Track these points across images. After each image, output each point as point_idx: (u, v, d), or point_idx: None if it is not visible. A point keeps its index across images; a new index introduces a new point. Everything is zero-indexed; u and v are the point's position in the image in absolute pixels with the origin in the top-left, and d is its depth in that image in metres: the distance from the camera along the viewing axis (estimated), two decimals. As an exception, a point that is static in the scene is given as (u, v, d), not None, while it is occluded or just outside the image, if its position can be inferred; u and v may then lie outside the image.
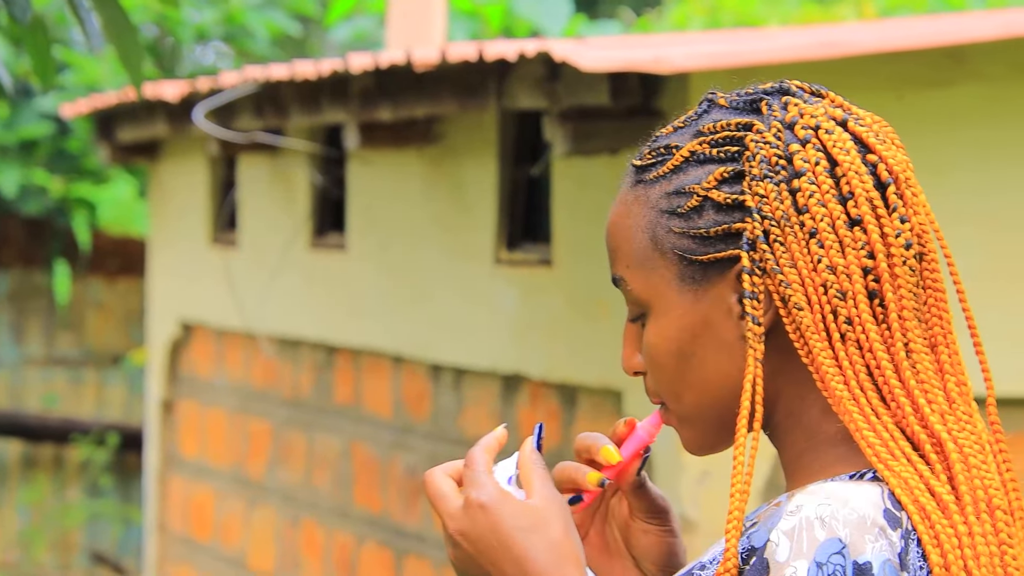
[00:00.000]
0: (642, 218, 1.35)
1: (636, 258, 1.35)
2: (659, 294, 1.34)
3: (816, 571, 1.22)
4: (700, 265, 1.32)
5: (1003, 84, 4.01)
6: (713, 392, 1.33)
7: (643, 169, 1.36)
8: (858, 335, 1.30)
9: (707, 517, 4.03)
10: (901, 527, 1.25)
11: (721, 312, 1.32)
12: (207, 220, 6.65)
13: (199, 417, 6.80)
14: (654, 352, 1.34)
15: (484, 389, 4.98)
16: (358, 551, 5.63)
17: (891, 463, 1.27)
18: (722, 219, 1.32)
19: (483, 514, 1.30)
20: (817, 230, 1.30)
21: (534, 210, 4.87)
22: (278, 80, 5.26)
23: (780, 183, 1.31)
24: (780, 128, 1.33)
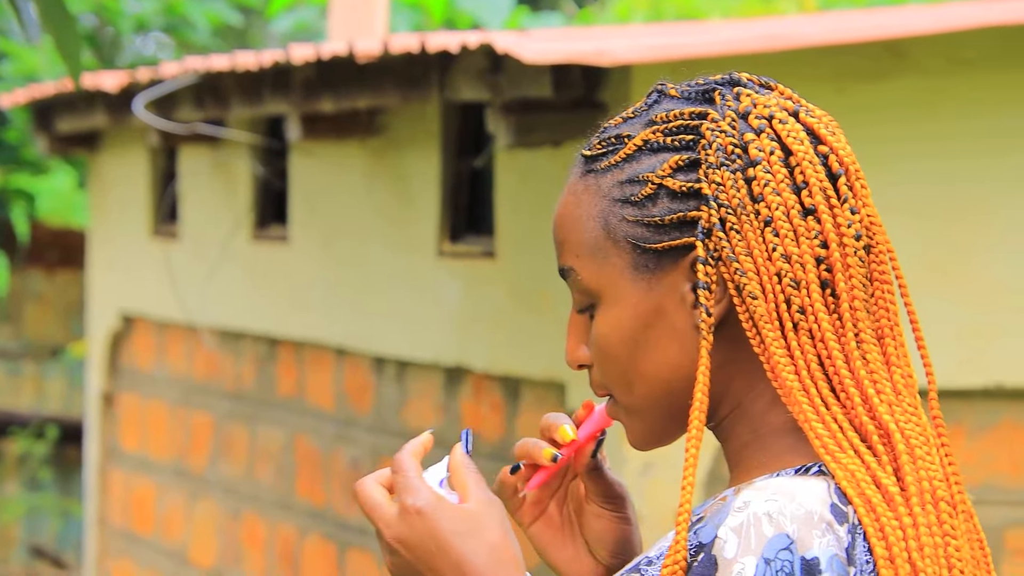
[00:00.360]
0: (593, 207, 1.34)
1: (587, 247, 1.34)
2: (611, 283, 1.33)
3: (764, 567, 1.22)
4: (654, 253, 1.32)
5: (941, 77, 4.04)
6: (664, 382, 1.32)
7: (593, 159, 1.35)
8: (810, 324, 1.30)
9: (651, 509, 4.04)
10: (848, 522, 1.26)
11: (674, 301, 1.32)
12: (148, 212, 6.61)
13: (140, 410, 6.77)
14: (605, 342, 1.33)
15: (427, 381, 4.98)
16: (301, 544, 5.62)
17: (838, 455, 1.28)
18: (677, 207, 1.31)
19: (420, 520, 1.30)
20: (772, 219, 1.30)
21: (477, 202, 4.87)
22: (219, 71, 5.23)
23: (736, 171, 1.31)
24: (735, 117, 1.33)
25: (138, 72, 5.76)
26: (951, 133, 4.03)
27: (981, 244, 4.03)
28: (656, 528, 4.02)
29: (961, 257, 4.01)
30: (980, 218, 4.03)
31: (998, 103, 4.03)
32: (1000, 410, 4.03)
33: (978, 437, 4.03)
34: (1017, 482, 4.04)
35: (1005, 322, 4.01)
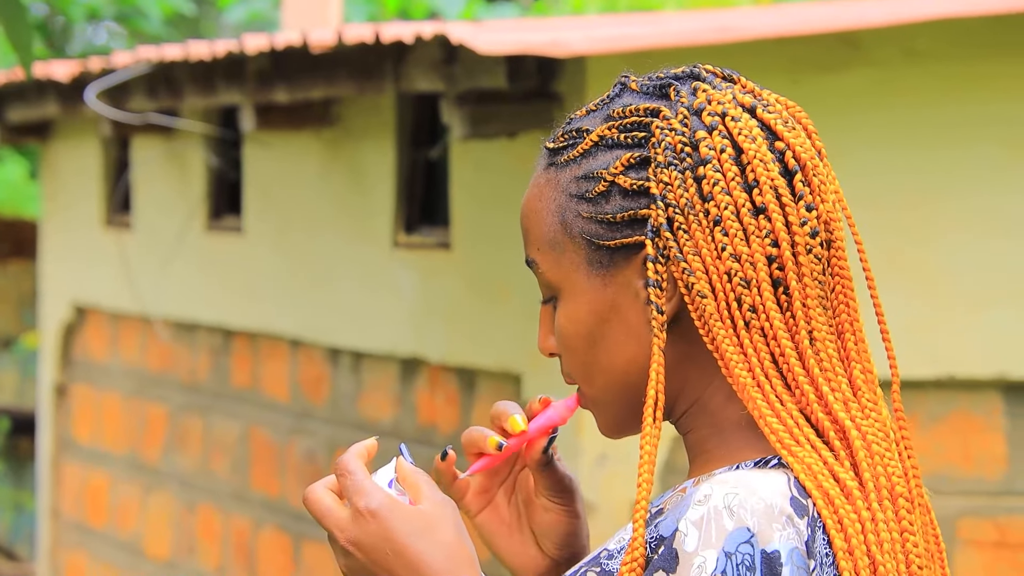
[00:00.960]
0: (552, 201, 1.35)
1: (547, 241, 1.35)
2: (568, 278, 1.34)
3: (725, 561, 1.22)
4: (607, 250, 1.32)
5: (895, 68, 4.06)
6: (621, 376, 1.33)
7: (555, 152, 1.36)
8: (762, 323, 1.30)
9: (605, 500, 4.05)
10: (807, 515, 1.26)
11: (628, 297, 1.32)
12: (100, 202, 6.57)
13: (93, 401, 6.73)
14: (564, 335, 1.34)
15: (383, 373, 4.97)
16: (256, 536, 5.60)
17: (795, 449, 1.28)
18: (628, 205, 1.32)
19: (374, 521, 1.29)
20: (721, 218, 1.30)
21: (432, 193, 4.86)
22: (172, 61, 5.20)
23: (685, 170, 1.31)
24: (687, 114, 1.33)
25: (90, 61, 5.72)
26: (904, 124, 4.05)
27: (933, 235, 4.05)
28: (610, 519, 4.03)
29: (913, 248, 4.03)
30: (932, 209, 4.05)
31: (950, 94, 4.05)
32: (952, 401, 4.06)
33: (930, 428, 4.05)
34: (969, 472, 4.07)
35: (957, 313, 4.04)
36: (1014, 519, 4.05)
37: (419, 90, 4.39)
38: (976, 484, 4.06)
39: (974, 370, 4.03)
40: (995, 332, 4.03)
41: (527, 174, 5.15)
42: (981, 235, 4.04)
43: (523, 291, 4.35)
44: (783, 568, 1.23)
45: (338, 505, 1.32)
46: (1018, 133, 4.04)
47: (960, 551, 4.04)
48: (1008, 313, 4.02)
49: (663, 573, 1.24)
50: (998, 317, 4.02)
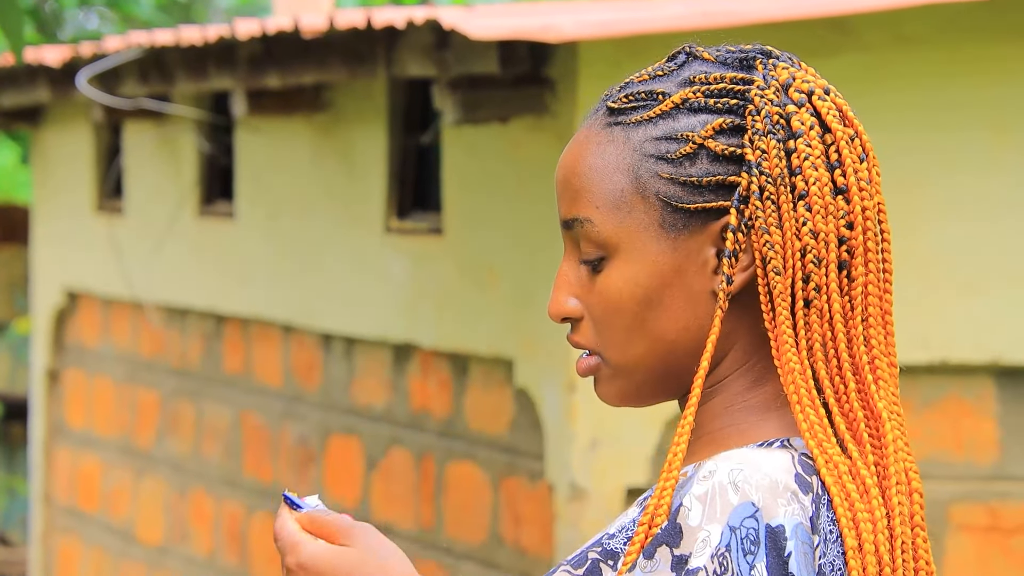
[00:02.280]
0: (621, 159, 1.31)
1: (610, 199, 1.31)
2: (633, 237, 1.31)
3: (729, 535, 1.22)
4: (684, 213, 1.30)
5: (884, 53, 4.06)
6: (668, 345, 1.31)
7: (622, 111, 1.33)
8: (823, 304, 1.30)
9: (596, 485, 4.05)
10: (812, 491, 1.26)
11: (696, 264, 1.31)
12: (92, 187, 6.56)
13: (85, 387, 6.73)
14: (616, 296, 1.31)
15: (375, 358, 4.97)
16: (248, 521, 5.61)
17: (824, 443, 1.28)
18: (716, 170, 1.30)
19: (304, 573, 1.27)
20: (808, 193, 1.30)
21: (424, 179, 4.86)
22: (163, 46, 5.19)
23: (780, 141, 1.30)
24: (778, 88, 1.33)
25: (81, 47, 5.71)
26: (894, 109, 4.05)
27: (924, 220, 4.05)
28: (601, 504, 4.03)
29: (905, 234, 4.04)
30: (924, 194, 4.06)
31: (940, 78, 4.05)
32: (944, 386, 4.06)
33: (923, 413, 4.06)
34: (961, 457, 4.07)
35: (949, 298, 4.04)
36: (1006, 504, 4.06)
37: (411, 75, 4.38)
38: (968, 469, 4.06)
39: (966, 355, 4.04)
40: (987, 317, 4.03)
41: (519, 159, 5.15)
42: (972, 220, 4.04)
43: (516, 276, 4.35)
44: (787, 542, 1.23)
45: None
46: (1008, 117, 4.04)
47: (952, 536, 4.05)
48: (1000, 298, 4.03)
49: (667, 548, 1.24)
50: (990, 302, 4.03)
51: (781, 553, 1.23)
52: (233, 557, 5.70)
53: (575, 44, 3.98)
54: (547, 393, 4.17)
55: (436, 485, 4.69)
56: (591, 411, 4.03)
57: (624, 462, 4.05)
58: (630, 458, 4.04)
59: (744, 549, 1.22)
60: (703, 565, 1.22)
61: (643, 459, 4.04)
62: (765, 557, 1.22)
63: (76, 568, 6.76)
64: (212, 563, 5.82)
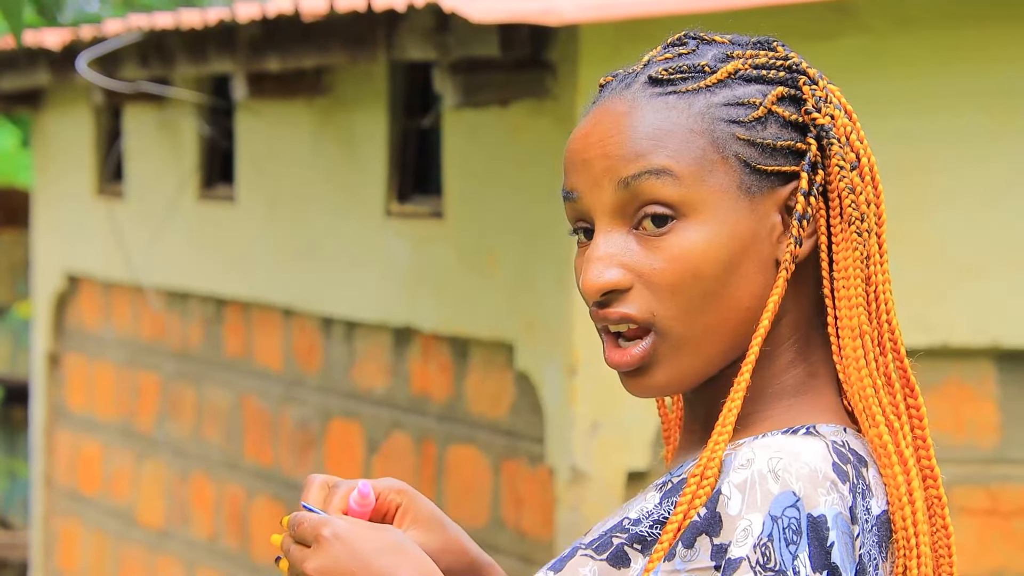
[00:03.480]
0: (692, 122, 1.29)
1: (690, 157, 1.28)
2: (713, 198, 1.28)
3: (771, 525, 1.21)
4: (760, 175, 1.29)
5: (887, 37, 4.06)
6: (739, 313, 1.28)
7: (669, 82, 1.31)
8: (870, 271, 1.32)
9: (598, 469, 4.06)
10: (848, 480, 1.26)
11: (766, 228, 1.29)
12: (92, 171, 6.56)
13: (86, 370, 6.73)
14: (695, 260, 1.26)
15: (375, 342, 4.97)
16: (248, 504, 5.61)
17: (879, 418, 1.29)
18: (786, 135, 1.31)
19: (340, 544, 1.27)
20: (859, 163, 1.32)
21: (425, 162, 4.86)
22: (164, 29, 5.18)
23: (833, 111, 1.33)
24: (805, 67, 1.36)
25: (81, 30, 5.70)
26: (896, 92, 4.05)
27: (925, 204, 4.05)
28: (603, 488, 4.04)
29: (906, 217, 4.03)
30: (924, 178, 4.05)
31: (942, 62, 4.05)
32: (945, 369, 4.07)
33: (924, 396, 4.05)
34: (962, 440, 4.08)
35: (950, 281, 4.04)
36: (1006, 487, 4.06)
37: (411, 59, 4.37)
38: (969, 452, 4.07)
39: (967, 338, 4.04)
40: (987, 301, 4.03)
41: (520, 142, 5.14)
42: (973, 204, 4.04)
43: (516, 259, 4.35)
44: (830, 532, 1.22)
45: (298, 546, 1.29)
46: (1009, 101, 4.03)
47: (953, 519, 4.05)
48: (1000, 281, 4.03)
49: (706, 536, 1.23)
50: (990, 286, 4.03)
51: (824, 543, 1.22)
52: (234, 540, 5.71)
53: (576, 27, 3.98)
54: (548, 377, 4.17)
55: (437, 469, 4.70)
56: (592, 395, 4.03)
57: (625, 446, 4.05)
58: (631, 442, 4.04)
59: (787, 539, 1.21)
60: (746, 555, 1.21)
61: (644, 443, 4.05)
62: (808, 547, 1.21)
63: (77, 551, 6.77)
64: (213, 546, 5.83)
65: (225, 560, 5.76)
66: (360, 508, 1.34)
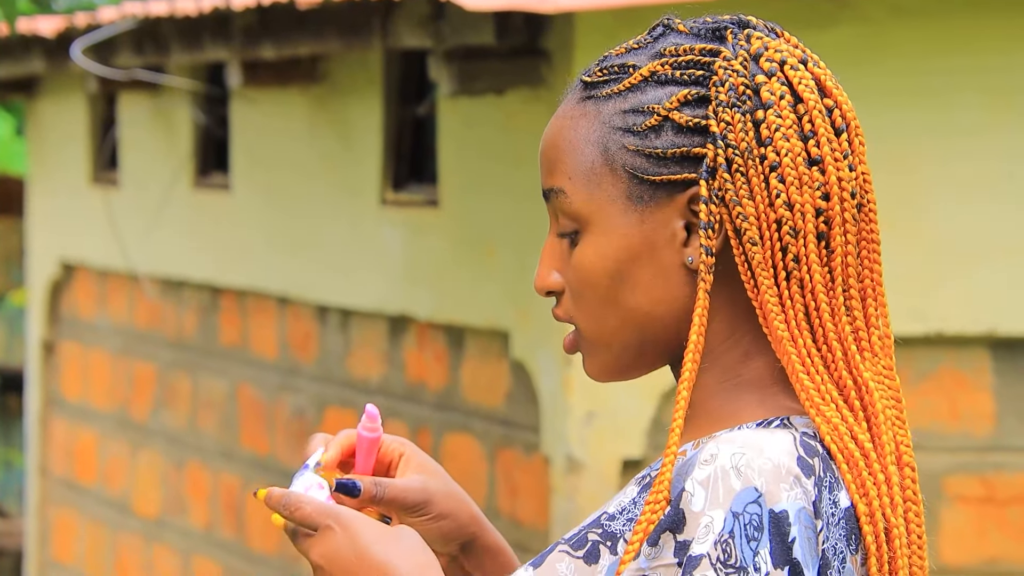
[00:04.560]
0: (592, 132, 1.32)
1: (581, 172, 1.31)
2: (602, 210, 1.31)
3: (733, 521, 1.21)
4: (650, 185, 1.30)
5: (884, 26, 4.05)
6: (641, 318, 1.31)
7: (594, 85, 1.33)
8: (803, 274, 1.29)
9: (593, 457, 4.06)
10: (814, 475, 1.25)
11: (664, 236, 1.30)
12: (87, 159, 6.54)
13: (81, 359, 6.72)
14: (588, 270, 1.31)
15: (371, 330, 4.96)
16: (244, 493, 5.61)
17: (822, 407, 1.28)
18: (681, 141, 1.30)
19: (341, 532, 1.30)
20: (779, 164, 1.29)
21: (420, 150, 4.85)
22: (158, 16, 5.17)
23: (746, 113, 1.29)
24: (747, 58, 1.31)
25: (76, 17, 5.69)
26: (892, 81, 4.04)
27: (921, 193, 4.05)
28: (599, 477, 4.04)
29: (903, 207, 4.03)
30: (920, 168, 4.05)
31: (938, 51, 4.04)
32: (940, 358, 4.07)
33: (918, 385, 4.06)
34: (957, 428, 4.08)
35: (945, 270, 4.04)
36: (1001, 475, 4.06)
37: (406, 46, 4.36)
38: (964, 440, 4.07)
39: (962, 327, 4.04)
40: (983, 289, 4.03)
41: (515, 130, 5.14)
42: (968, 192, 4.04)
43: (511, 248, 4.35)
44: (791, 528, 1.22)
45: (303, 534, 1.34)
46: (1004, 91, 4.03)
47: (947, 507, 4.06)
48: (995, 270, 4.03)
49: (670, 533, 1.23)
50: (985, 274, 4.03)
51: (785, 539, 1.22)
52: (230, 529, 5.71)
53: (571, 15, 3.97)
54: (543, 365, 4.17)
55: (432, 457, 4.69)
56: (587, 384, 4.03)
57: (620, 434, 4.05)
58: (626, 430, 4.04)
59: (747, 535, 1.21)
60: (706, 552, 1.21)
61: (639, 432, 4.05)
62: (769, 543, 1.21)
63: (72, 540, 6.77)
64: (209, 535, 5.83)
65: (221, 549, 5.76)
66: (370, 433, 1.37)
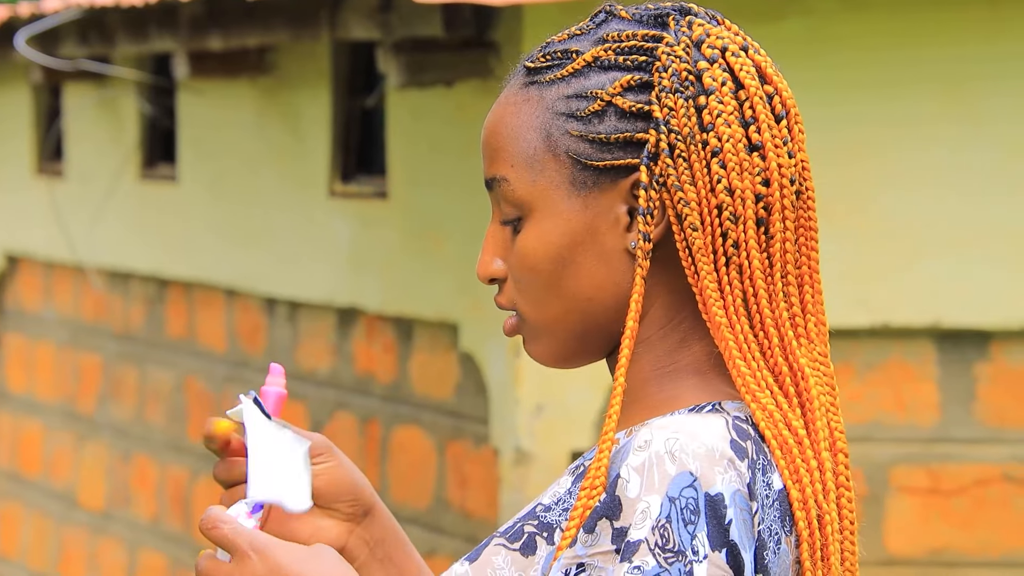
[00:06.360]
0: (535, 118, 1.32)
1: (524, 158, 1.31)
2: (544, 196, 1.31)
3: (669, 506, 1.22)
4: (593, 170, 1.30)
5: (833, 19, 4.07)
6: (583, 303, 1.31)
7: (537, 71, 1.33)
8: (742, 260, 1.30)
9: (542, 450, 4.06)
10: (748, 457, 1.26)
11: (608, 221, 1.30)
12: (32, 149, 6.49)
13: (27, 351, 6.67)
14: (531, 256, 1.31)
15: (320, 322, 4.95)
16: (191, 486, 5.59)
17: (757, 393, 1.28)
18: (624, 127, 1.30)
19: (259, 556, 1.28)
20: (721, 150, 1.29)
21: (369, 142, 4.84)
22: (104, 7, 5.14)
23: (688, 98, 1.30)
24: (689, 44, 1.32)
25: (19, 7, 5.64)
26: (840, 75, 4.06)
27: (870, 185, 4.07)
28: (547, 469, 4.04)
29: (850, 198, 4.06)
30: (867, 160, 4.07)
31: (888, 45, 4.07)
32: (887, 349, 4.09)
33: (865, 376, 4.09)
34: (903, 420, 4.11)
35: (891, 261, 4.07)
36: (946, 466, 4.09)
37: (355, 38, 4.35)
38: (909, 431, 4.10)
39: (908, 318, 4.07)
40: (929, 281, 4.06)
41: (464, 122, 5.13)
42: (915, 185, 4.07)
43: (460, 240, 4.34)
44: (727, 510, 1.23)
45: (218, 562, 1.30)
46: (953, 85, 4.06)
47: (893, 498, 4.09)
48: (941, 262, 4.06)
49: (607, 520, 1.24)
50: (931, 266, 4.06)
51: (721, 521, 1.23)
52: (177, 522, 5.69)
53: (519, 7, 3.97)
54: (492, 357, 4.17)
55: (381, 449, 4.69)
56: (536, 375, 4.04)
57: (569, 426, 4.06)
58: (575, 422, 4.05)
59: (684, 519, 1.22)
60: (644, 537, 1.22)
61: (588, 423, 4.05)
62: (706, 526, 1.22)
63: (17, 533, 6.72)
64: (155, 528, 5.80)
65: (168, 542, 5.74)
66: (275, 389, 1.36)
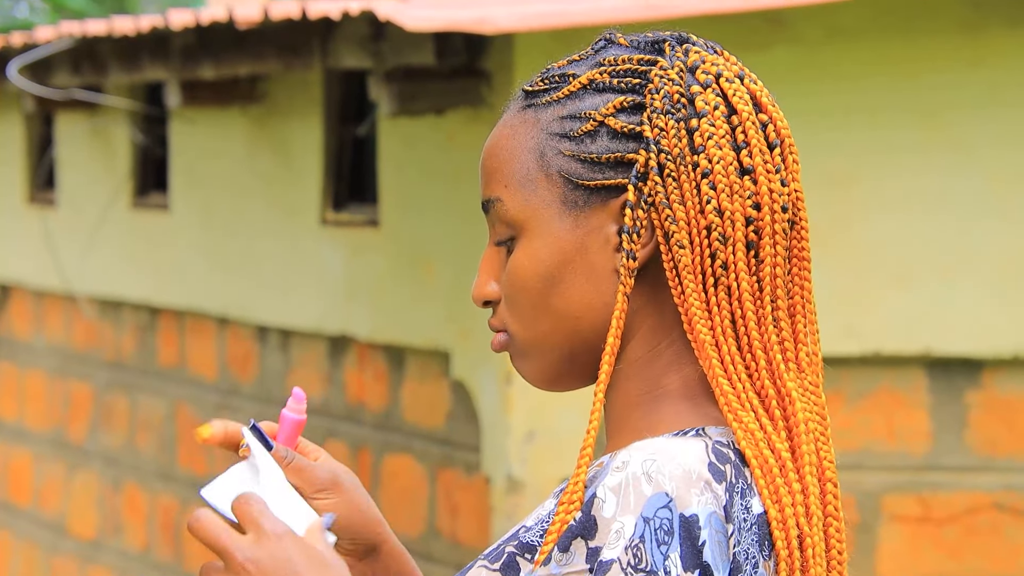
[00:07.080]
0: (530, 139, 1.34)
1: (517, 178, 1.33)
2: (537, 216, 1.32)
3: (643, 526, 1.22)
4: (585, 190, 1.31)
5: (820, 48, 4.09)
6: (572, 322, 1.32)
7: (535, 94, 1.36)
8: (730, 281, 1.31)
9: (533, 477, 4.06)
10: (725, 480, 1.26)
11: (598, 241, 1.32)
12: (24, 178, 6.50)
13: (17, 379, 6.67)
14: (521, 274, 1.33)
15: (311, 350, 4.95)
16: (182, 514, 5.58)
17: (740, 413, 1.29)
18: (615, 147, 1.32)
19: (280, 544, 1.27)
20: (711, 171, 1.31)
21: (360, 171, 4.85)
22: (96, 36, 5.15)
23: (679, 120, 1.32)
24: (683, 69, 1.34)
25: (12, 36, 5.66)
26: (827, 102, 4.08)
27: (858, 213, 4.09)
28: (538, 496, 4.04)
29: (838, 226, 4.07)
30: (857, 187, 4.09)
31: (873, 73, 4.09)
32: (877, 377, 4.10)
33: (856, 404, 4.10)
34: (894, 448, 4.11)
35: (881, 290, 4.08)
36: (938, 495, 4.10)
37: (346, 67, 4.37)
38: (901, 459, 4.10)
39: (898, 347, 4.07)
40: (919, 309, 4.07)
41: (455, 151, 5.15)
42: (903, 213, 4.08)
43: (452, 268, 4.35)
44: (701, 531, 1.23)
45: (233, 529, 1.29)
46: (938, 112, 4.07)
47: (884, 526, 4.09)
48: (931, 290, 4.07)
49: (581, 540, 1.24)
50: (922, 294, 4.07)
51: (695, 543, 1.23)
52: (167, 551, 5.67)
53: (511, 36, 3.99)
54: (484, 385, 4.17)
55: (373, 477, 4.68)
56: (527, 403, 4.04)
57: (560, 454, 4.06)
58: (566, 450, 4.05)
59: (658, 540, 1.22)
60: (617, 557, 1.22)
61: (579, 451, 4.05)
62: (679, 547, 1.22)
63: (6, 562, 6.70)
64: (146, 557, 5.79)
65: (158, 571, 5.72)
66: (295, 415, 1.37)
